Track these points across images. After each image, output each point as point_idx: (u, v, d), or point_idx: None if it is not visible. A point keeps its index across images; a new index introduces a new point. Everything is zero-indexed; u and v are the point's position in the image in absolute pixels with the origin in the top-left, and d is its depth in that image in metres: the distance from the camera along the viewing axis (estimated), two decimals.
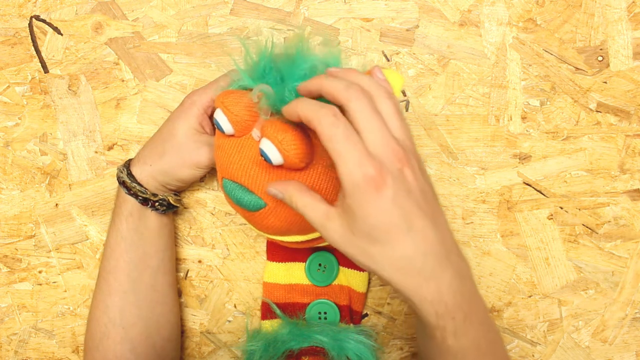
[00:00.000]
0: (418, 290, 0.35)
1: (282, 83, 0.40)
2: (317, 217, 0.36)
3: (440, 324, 0.35)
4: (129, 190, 0.47)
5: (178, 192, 0.52)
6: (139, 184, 0.47)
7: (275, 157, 0.38)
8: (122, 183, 0.48)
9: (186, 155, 0.47)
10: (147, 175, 0.48)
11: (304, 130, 0.39)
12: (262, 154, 0.38)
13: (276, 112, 0.40)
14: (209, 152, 0.47)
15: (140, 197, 0.47)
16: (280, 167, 0.40)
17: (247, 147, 0.41)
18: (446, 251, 0.35)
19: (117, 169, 0.49)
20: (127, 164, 0.49)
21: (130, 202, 0.48)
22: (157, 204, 0.48)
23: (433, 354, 0.39)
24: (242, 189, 0.42)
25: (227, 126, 0.41)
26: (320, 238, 0.46)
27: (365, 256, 0.35)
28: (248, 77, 0.42)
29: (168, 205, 0.49)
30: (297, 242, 0.46)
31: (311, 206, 0.37)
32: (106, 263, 0.48)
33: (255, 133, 0.41)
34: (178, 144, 0.47)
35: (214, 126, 0.50)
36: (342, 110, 0.35)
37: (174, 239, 0.54)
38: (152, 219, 0.49)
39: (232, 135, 0.42)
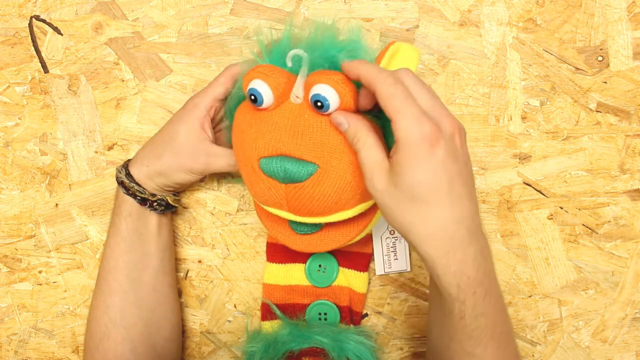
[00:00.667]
0: (444, 257, 0.35)
1: (314, 50, 0.40)
2: (371, 161, 0.37)
3: (461, 297, 0.36)
4: (127, 190, 0.47)
5: (177, 192, 0.52)
6: (137, 184, 0.47)
7: (334, 98, 0.38)
8: (120, 183, 0.48)
9: (182, 159, 0.47)
10: (144, 175, 0.48)
11: None
12: (317, 99, 0.38)
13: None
14: (206, 159, 0.47)
15: (138, 197, 0.47)
16: (325, 121, 0.39)
17: (285, 115, 0.40)
18: (475, 225, 0.36)
19: (116, 169, 0.49)
20: (126, 165, 0.49)
21: (129, 202, 0.48)
22: (155, 203, 0.48)
23: (447, 334, 0.39)
24: (287, 160, 0.40)
25: (267, 94, 0.40)
26: (363, 219, 0.44)
27: (402, 212, 0.35)
28: (268, 60, 0.42)
29: (166, 205, 0.49)
30: (337, 226, 0.44)
31: (370, 148, 0.37)
32: (105, 263, 0.48)
33: (294, 95, 0.40)
34: (177, 147, 0.47)
35: (216, 125, 0.50)
36: None
37: (173, 239, 0.54)
38: (151, 219, 0.49)
39: (264, 110, 0.41)
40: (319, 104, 0.38)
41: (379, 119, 0.41)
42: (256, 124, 0.41)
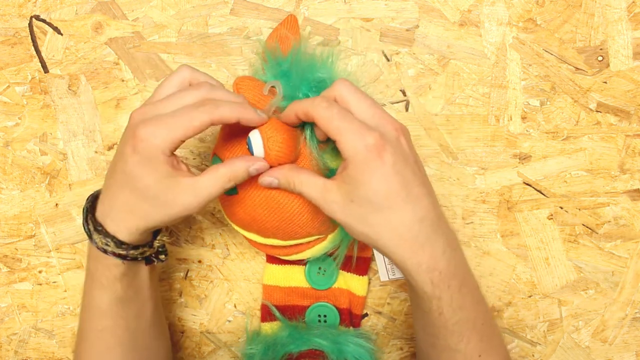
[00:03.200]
0: (413, 256, 0.36)
1: (297, 86, 0.41)
2: (316, 191, 0.37)
3: (437, 293, 0.36)
4: (123, 258, 0.40)
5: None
6: (132, 247, 0.40)
7: (258, 150, 0.39)
8: (114, 254, 0.40)
9: (171, 208, 0.38)
10: (137, 237, 0.40)
11: (295, 138, 0.40)
12: (247, 143, 0.39)
13: (280, 110, 0.41)
14: (193, 198, 0.38)
15: (139, 259, 0.41)
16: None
17: (243, 133, 0.42)
18: (438, 219, 0.37)
19: (98, 241, 0.40)
20: (103, 230, 0.39)
21: (122, 265, 0.41)
22: (161, 255, 0.44)
23: (430, 333, 0.39)
24: None
25: None
26: (277, 248, 0.46)
27: (364, 224, 0.36)
28: (269, 73, 0.42)
29: (165, 250, 0.44)
30: (255, 242, 0.46)
31: (309, 182, 0.38)
32: (98, 322, 0.43)
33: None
34: (160, 201, 0.38)
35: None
36: None
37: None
38: (145, 268, 0.44)
39: None
40: (248, 147, 0.40)
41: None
42: (225, 125, 0.44)
